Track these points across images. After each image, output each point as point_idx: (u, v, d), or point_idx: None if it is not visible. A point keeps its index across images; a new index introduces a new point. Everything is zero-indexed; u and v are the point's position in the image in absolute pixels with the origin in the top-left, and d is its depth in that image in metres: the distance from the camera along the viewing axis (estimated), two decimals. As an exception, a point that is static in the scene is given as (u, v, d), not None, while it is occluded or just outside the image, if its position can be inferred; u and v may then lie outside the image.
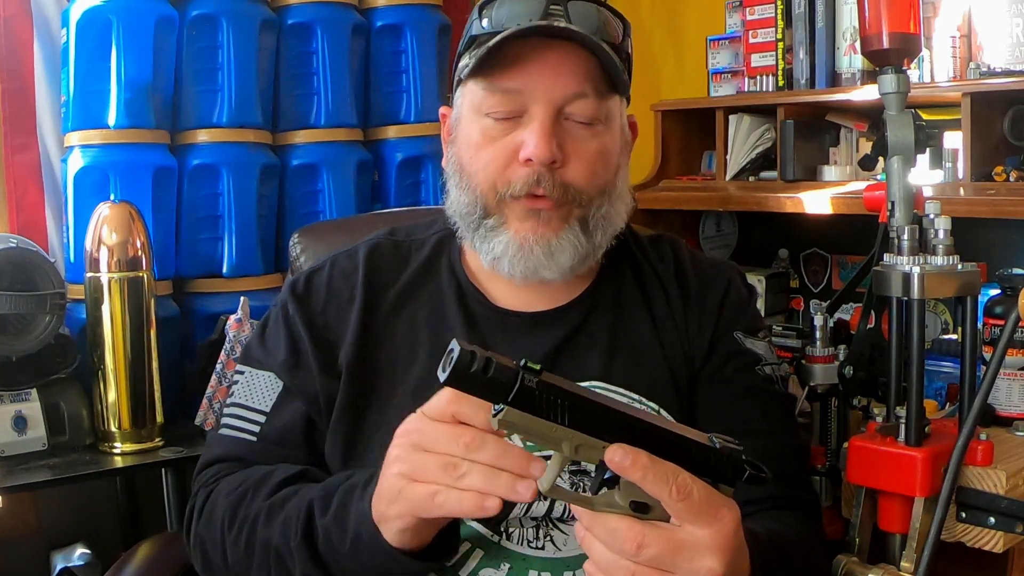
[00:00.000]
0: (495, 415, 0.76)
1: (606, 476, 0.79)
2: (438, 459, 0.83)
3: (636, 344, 1.14)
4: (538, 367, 0.76)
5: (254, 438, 1.12)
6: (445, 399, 0.84)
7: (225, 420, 1.15)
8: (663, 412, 1.11)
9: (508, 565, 1.03)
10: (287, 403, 1.13)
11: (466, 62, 1.09)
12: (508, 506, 1.05)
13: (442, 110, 1.19)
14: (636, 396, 1.11)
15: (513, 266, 1.08)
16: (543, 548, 1.03)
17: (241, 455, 1.12)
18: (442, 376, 0.74)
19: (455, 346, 0.74)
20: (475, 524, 1.04)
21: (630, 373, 1.12)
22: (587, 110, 1.07)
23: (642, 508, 0.78)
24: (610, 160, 1.10)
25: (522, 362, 0.75)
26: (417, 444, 0.85)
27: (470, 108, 1.10)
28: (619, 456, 0.76)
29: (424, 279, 1.18)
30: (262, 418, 1.12)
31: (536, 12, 1.05)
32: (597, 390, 1.11)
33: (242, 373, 1.17)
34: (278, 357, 1.14)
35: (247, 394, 1.15)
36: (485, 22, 1.08)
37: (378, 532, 0.90)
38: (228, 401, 1.17)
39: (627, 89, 1.12)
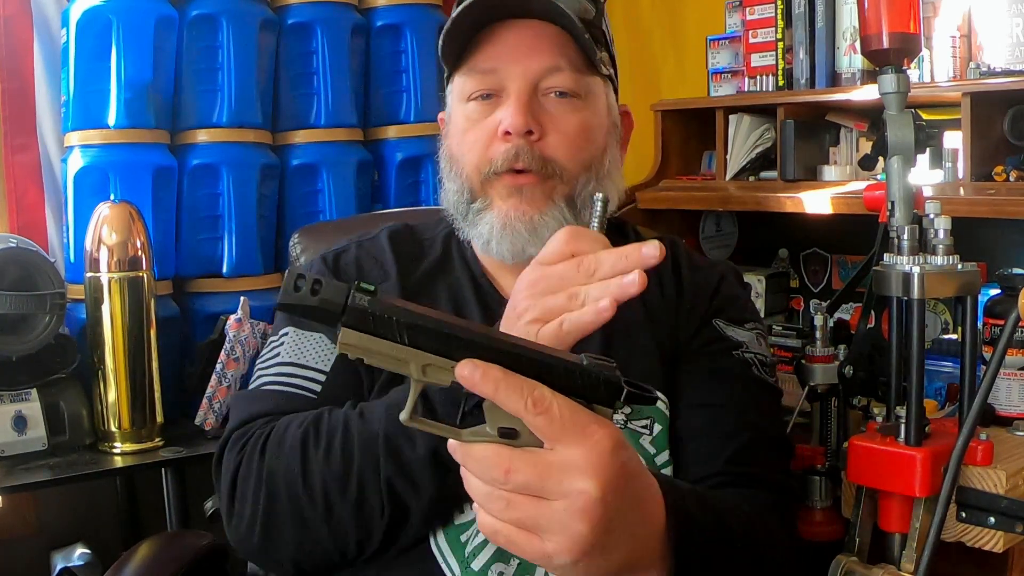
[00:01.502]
0: (335, 340, 0.74)
1: (469, 403, 0.76)
2: (564, 294, 0.87)
3: (631, 334, 1.14)
4: (372, 287, 0.73)
5: (315, 396, 1.08)
6: (560, 240, 0.89)
7: (273, 378, 1.10)
8: (659, 402, 1.11)
9: (517, 561, 1.02)
10: (345, 369, 1.09)
11: (441, 54, 1.12)
12: None
13: (440, 115, 1.21)
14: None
15: (500, 245, 1.09)
16: None
17: (298, 408, 1.06)
18: (278, 303, 0.73)
19: (287, 272, 0.73)
20: None
21: (627, 360, 1.12)
22: (563, 82, 1.08)
23: (510, 435, 0.73)
24: (593, 137, 1.11)
25: (354, 282, 0.73)
26: (544, 290, 0.88)
27: (456, 98, 1.13)
28: (468, 370, 0.71)
29: (440, 272, 1.19)
30: (322, 377, 1.09)
31: None
32: None
33: (286, 334, 1.13)
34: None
35: (298, 353, 1.11)
36: (459, 9, 1.09)
37: None
38: (273, 360, 1.12)
39: (602, 64, 1.12)
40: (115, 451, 1.84)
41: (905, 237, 1.11)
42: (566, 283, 0.87)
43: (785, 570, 1.03)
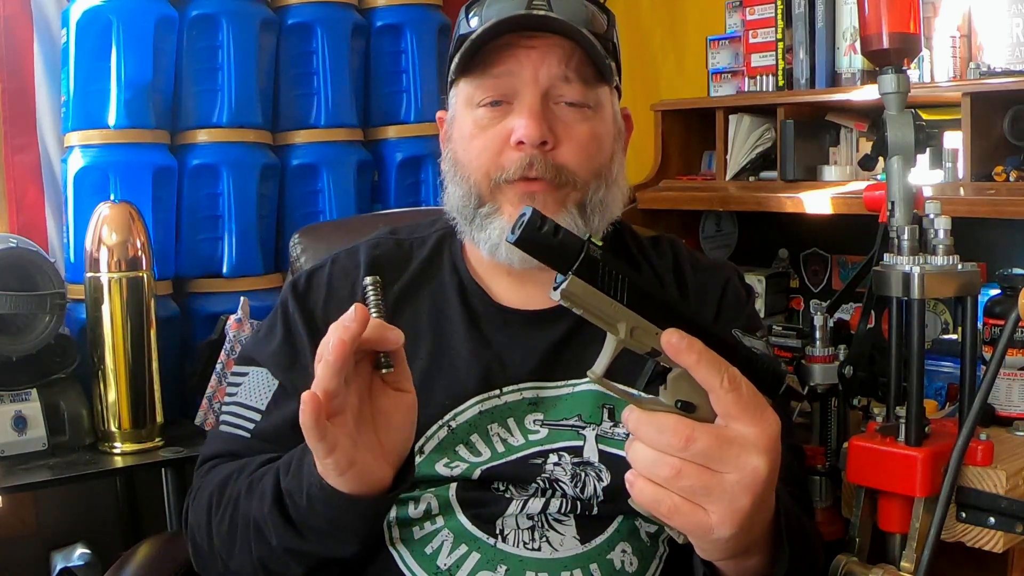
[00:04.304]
0: (557, 287, 0.76)
1: (653, 373, 0.80)
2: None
3: None
4: (600, 243, 0.76)
5: (248, 434, 1.13)
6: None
7: (224, 417, 1.16)
8: None
9: (505, 567, 1.02)
10: (282, 401, 1.13)
11: (457, 62, 1.11)
12: (504, 503, 1.05)
13: (439, 114, 1.21)
14: (637, 392, 1.11)
15: (511, 252, 1.08)
16: (539, 549, 1.03)
17: (235, 450, 1.13)
18: (511, 238, 0.74)
19: (527, 210, 0.74)
20: (470, 527, 1.04)
21: (630, 369, 1.12)
22: (574, 94, 1.09)
23: (688, 408, 0.78)
24: (603, 145, 1.12)
25: (587, 236, 0.76)
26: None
27: (463, 104, 1.13)
28: (676, 338, 0.76)
29: (426, 276, 1.19)
30: (257, 416, 1.13)
31: (520, 7, 1.08)
32: (598, 386, 1.12)
33: (245, 374, 1.17)
34: (274, 355, 1.15)
35: (247, 394, 1.16)
36: (473, 21, 1.11)
37: (323, 479, 0.89)
38: (232, 399, 1.17)
39: (612, 75, 1.13)
40: (115, 451, 1.84)
41: (905, 237, 1.11)
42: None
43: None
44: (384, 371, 0.87)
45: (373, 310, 0.85)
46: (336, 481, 0.89)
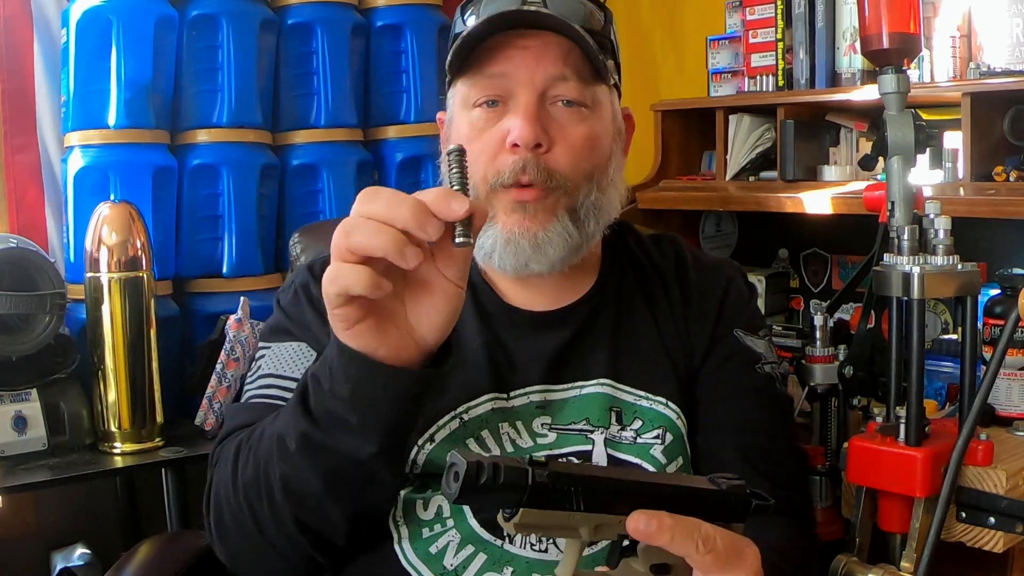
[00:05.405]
0: (509, 519, 0.72)
1: (623, 547, 0.77)
2: (339, 240, 0.82)
3: (639, 342, 1.14)
4: (543, 459, 0.73)
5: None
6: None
7: (255, 391, 1.11)
8: (670, 404, 1.11)
9: (511, 569, 1.02)
10: None
11: (451, 60, 1.11)
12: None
13: (439, 115, 1.20)
14: (643, 392, 1.11)
15: (503, 260, 1.08)
16: (546, 551, 1.03)
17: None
18: (450, 493, 0.70)
19: (457, 459, 0.69)
20: (478, 529, 1.04)
21: (635, 371, 1.13)
22: (570, 92, 1.08)
23: (663, 570, 0.77)
24: (599, 146, 1.11)
25: (527, 458, 0.72)
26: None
27: (460, 104, 1.12)
28: (643, 523, 0.74)
29: None
30: (294, 384, 1.07)
31: (514, 3, 1.07)
32: (605, 388, 1.12)
33: (268, 348, 1.14)
34: (313, 330, 1.11)
35: (277, 364, 1.12)
36: (469, 20, 1.10)
37: (342, 342, 0.85)
38: (256, 373, 1.13)
39: (609, 74, 1.12)
40: (115, 451, 1.84)
41: (905, 237, 1.11)
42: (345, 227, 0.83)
43: None
44: (460, 240, 0.80)
45: (457, 185, 0.80)
46: (348, 335, 0.84)
